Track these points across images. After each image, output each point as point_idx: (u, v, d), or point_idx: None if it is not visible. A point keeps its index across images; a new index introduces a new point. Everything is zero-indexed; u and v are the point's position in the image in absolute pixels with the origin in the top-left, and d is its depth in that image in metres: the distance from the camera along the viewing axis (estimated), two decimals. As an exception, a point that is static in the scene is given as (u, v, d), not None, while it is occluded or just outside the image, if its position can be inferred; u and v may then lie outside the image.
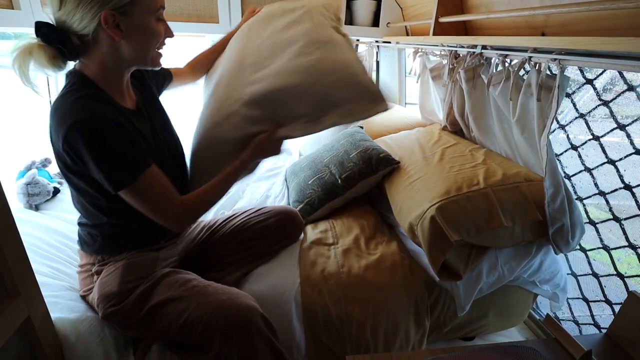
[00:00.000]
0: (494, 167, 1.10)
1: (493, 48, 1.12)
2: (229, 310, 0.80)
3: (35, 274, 0.96)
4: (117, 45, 0.76)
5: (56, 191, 1.35)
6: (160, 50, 0.84)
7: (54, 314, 0.83)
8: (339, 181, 1.30)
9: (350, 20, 2.03)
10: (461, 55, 1.33)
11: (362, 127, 1.64)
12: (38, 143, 1.76)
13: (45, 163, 1.44)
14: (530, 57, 0.94)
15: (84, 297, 0.96)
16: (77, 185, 0.82)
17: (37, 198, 1.28)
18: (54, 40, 0.73)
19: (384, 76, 2.42)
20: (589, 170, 1.08)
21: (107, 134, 0.72)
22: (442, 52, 1.51)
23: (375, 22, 2.01)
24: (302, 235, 1.20)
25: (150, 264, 0.92)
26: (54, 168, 1.47)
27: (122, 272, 0.87)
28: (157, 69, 0.86)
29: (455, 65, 1.38)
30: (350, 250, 1.11)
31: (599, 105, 0.99)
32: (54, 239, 1.14)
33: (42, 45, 0.73)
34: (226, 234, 1.09)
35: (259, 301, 0.95)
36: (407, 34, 1.96)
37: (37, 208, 1.29)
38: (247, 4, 1.88)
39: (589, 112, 1.03)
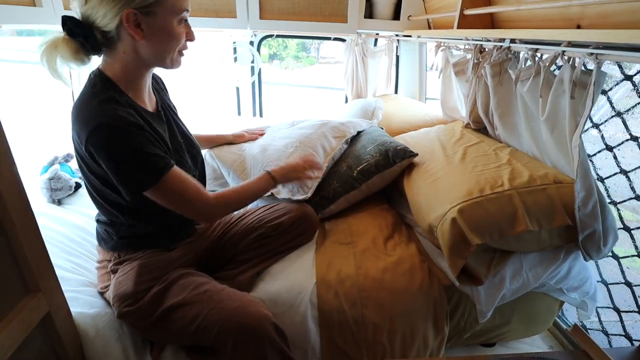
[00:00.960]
0: (519, 167, 1.04)
1: (522, 42, 1.06)
2: (241, 318, 0.80)
3: (56, 269, 0.98)
4: (138, 45, 0.77)
5: (78, 186, 1.38)
6: (183, 51, 0.85)
7: (74, 309, 0.84)
8: (355, 173, 1.27)
9: (370, 14, 1.98)
10: (487, 49, 1.27)
11: (382, 128, 1.61)
12: (61, 138, 1.81)
13: (67, 158, 1.47)
14: (563, 52, 0.88)
15: (101, 294, 0.97)
16: (96, 185, 0.83)
17: (59, 193, 1.31)
18: (78, 34, 0.74)
19: (403, 71, 2.36)
20: (625, 172, 1.01)
21: (128, 138, 0.73)
22: (467, 47, 1.44)
23: (396, 15, 1.96)
24: (317, 232, 1.18)
25: (164, 264, 0.92)
26: (75, 163, 1.50)
27: (137, 272, 0.88)
28: (177, 67, 0.86)
29: (480, 60, 1.32)
30: (367, 250, 1.08)
31: (638, 103, 0.92)
32: (75, 234, 1.17)
33: (66, 39, 0.75)
34: (239, 232, 1.08)
35: (274, 302, 0.95)
36: (429, 28, 1.89)
37: (59, 202, 1.32)
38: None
39: (627, 110, 0.96)
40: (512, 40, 1.09)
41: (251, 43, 2.28)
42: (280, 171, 1.06)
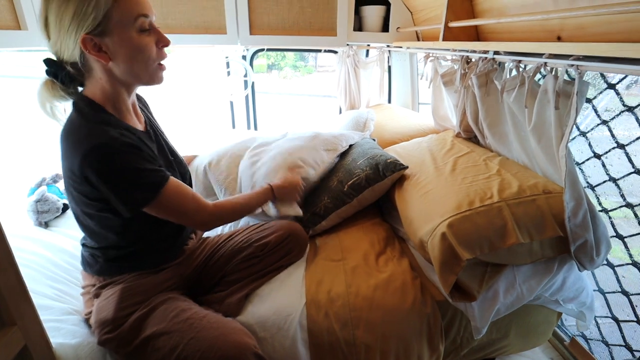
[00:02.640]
0: (509, 178, 1.03)
1: (506, 53, 1.06)
2: (221, 349, 0.78)
3: (39, 297, 0.97)
4: (109, 67, 0.75)
5: (66, 207, 1.37)
6: (162, 63, 0.81)
7: (55, 340, 0.82)
8: (345, 188, 1.26)
9: (359, 27, 2.00)
10: (473, 60, 1.27)
11: (374, 140, 1.60)
12: (49, 158, 1.80)
13: (55, 179, 1.46)
14: (545, 63, 0.88)
15: (86, 321, 0.95)
16: (88, 211, 0.81)
17: (46, 215, 1.29)
18: (50, 72, 0.75)
19: (396, 81, 2.37)
20: (614, 180, 1.00)
21: (123, 157, 0.73)
22: (454, 57, 1.45)
23: (385, 27, 1.97)
24: (308, 249, 1.17)
25: (149, 287, 0.90)
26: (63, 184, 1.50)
27: (119, 296, 0.86)
28: (159, 83, 0.83)
29: (467, 70, 1.32)
30: (358, 267, 1.07)
31: (623, 112, 0.91)
32: (60, 258, 1.14)
33: (47, 80, 0.76)
34: (227, 253, 1.06)
35: (262, 325, 0.93)
36: (418, 39, 1.90)
37: (46, 225, 1.31)
38: (254, 14, 1.87)
39: (612, 118, 0.95)
40: (497, 52, 1.09)
41: (244, 57, 2.29)
42: (281, 187, 1.11)
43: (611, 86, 0.94)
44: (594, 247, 0.93)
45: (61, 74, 0.75)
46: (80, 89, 0.80)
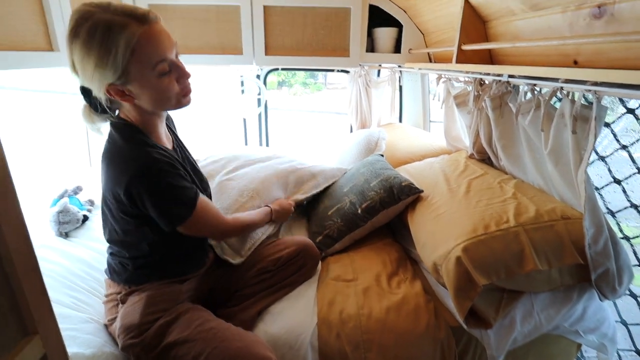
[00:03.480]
0: (525, 202, 1.02)
1: (521, 77, 1.07)
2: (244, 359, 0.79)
3: (58, 305, 0.98)
4: (136, 104, 0.80)
5: (85, 218, 1.40)
6: (185, 89, 0.83)
7: (71, 349, 0.83)
8: (359, 211, 1.26)
9: (371, 48, 2.04)
10: (487, 82, 1.28)
11: (382, 155, 1.61)
12: (71, 169, 1.85)
13: (76, 190, 1.50)
14: (562, 87, 0.88)
15: (107, 327, 0.97)
16: (125, 225, 0.86)
17: (67, 226, 1.32)
18: (87, 100, 0.81)
19: (407, 100, 2.39)
20: (635, 207, 0.98)
21: (165, 176, 0.79)
22: (467, 79, 1.46)
23: (397, 49, 2.01)
24: (320, 268, 1.17)
25: (173, 296, 0.92)
26: (85, 195, 1.53)
27: (145, 303, 0.88)
28: (187, 106, 0.86)
29: (480, 92, 1.33)
30: (370, 288, 1.06)
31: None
32: (79, 268, 1.17)
33: (85, 105, 0.82)
34: (240, 267, 1.08)
35: (274, 344, 0.92)
36: (430, 60, 1.93)
37: (66, 235, 1.34)
38: (270, 36, 1.93)
39: (632, 144, 0.94)
40: (511, 75, 1.10)
41: (257, 76, 2.35)
42: (277, 211, 1.23)
43: (630, 111, 0.93)
44: (616, 275, 0.90)
45: (94, 101, 0.80)
46: (117, 112, 0.85)
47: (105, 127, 0.86)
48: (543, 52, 1.04)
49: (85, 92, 0.79)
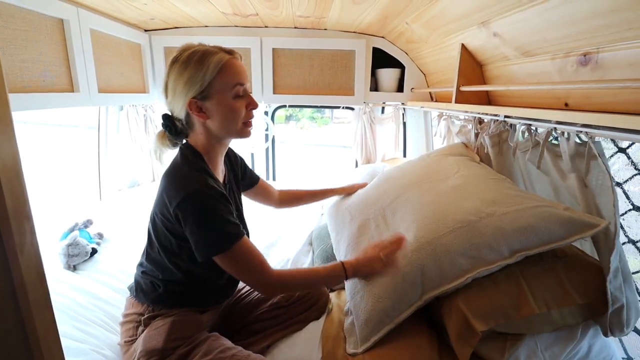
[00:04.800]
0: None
1: (517, 117, 1.12)
2: None
3: (63, 338, 0.99)
4: (206, 124, 0.90)
5: (93, 252, 1.43)
6: (249, 121, 0.94)
7: (73, 383, 0.83)
8: None
9: (375, 87, 2.14)
10: (485, 120, 1.33)
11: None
12: (81, 203, 1.91)
13: (87, 224, 1.54)
14: (555, 128, 0.93)
15: (122, 347, 0.98)
16: (165, 242, 0.92)
17: (75, 259, 1.35)
18: (165, 125, 0.92)
19: (411, 136, 2.46)
20: (633, 242, 0.99)
21: (214, 205, 0.83)
22: (466, 117, 1.52)
23: (400, 88, 2.10)
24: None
25: (195, 325, 0.94)
26: (95, 228, 1.57)
27: (169, 329, 0.90)
28: (247, 137, 0.96)
29: (479, 130, 1.38)
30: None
31: (635, 175, 0.93)
32: (86, 300, 1.18)
33: (160, 132, 0.94)
34: (252, 301, 1.10)
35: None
36: (432, 98, 2.01)
37: (74, 268, 1.36)
38: (278, 76, 2.04)
39: (625, 181, 0.97)
40: (507, 115, 1.15)
41: (266, 113, 2.45)
42: (355, 264, 0.97)
43: (621, 150, 0.97)
44: (626, 312, 0.90)
45: (172, 128, 0.92)
46: (184, 140, 0.96)
47: (167, 156, 0.97)
48: (536, 94, 1.10)
49: (166, 118, 0.92)
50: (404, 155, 2.52)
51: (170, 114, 0.93)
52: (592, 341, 0.97)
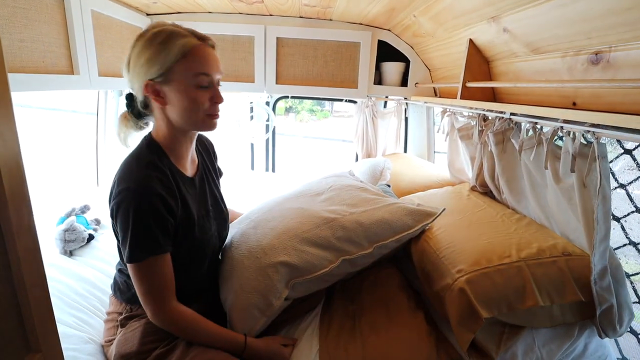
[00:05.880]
0: (527, 237, 1.03)
1: (522, 115, 1.11)
2: None
3: (59, 324, 0.98)
4: (165, 110, 0.85)
5: (90, 237, 1.41)
6: (214, 114, 0.88)
7: (70, 370, 0.83)
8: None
9: (379, 81, 2.12)
10: (490, 118, 1.32)
11: (389, 185, 1.63)
12: (79, 188, 1.89)
13: (84, 209, 1.53)
14: (562, 127, 0.92)
15: (104, 347, 0.96)
16: None
17: (72, 244, 1.34)
18: (127, 105, 0.88)
19: (412, 131, 2.44)
20: (634, 244, 0.99)
21: (143, 209, 0.78)
22: (471, 114, 1.51)
23: (404, 82, 2.08)
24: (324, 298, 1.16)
25: None
26: (92, 214, 1.56)
27: (143, 331, 0.88)
28: (212, 130, 0.91)
29: (483, 127, 1.37)
30: (371, 319, 1.05)
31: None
32: (82, 287, 1.18)
33: (124, 111, 0.90)
34: None
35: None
36: (435, 94, 2.00)
37: (71, 254, 1.35)
38: (281, 66, 2.02)
39: (630, 183, 0.97)
40: (513, 113, 1.14)
41: (267, 103, 2.43)
42: (258, 347, 0.90)
43: (627, 152, 0.96)
44: (617, 314, 0.90)
45: (132, 107, 0.88)
46: (150, 123, 0.92)
47: (132, 140, 0.93)
48: (544, 92, 1.09)
49: (129, 98, 0.88)
50: (405, 151, 2.51)
51: (132, 92, 0.88)
52: (588, 340, 0.98)
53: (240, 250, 1.03)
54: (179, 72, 0.80)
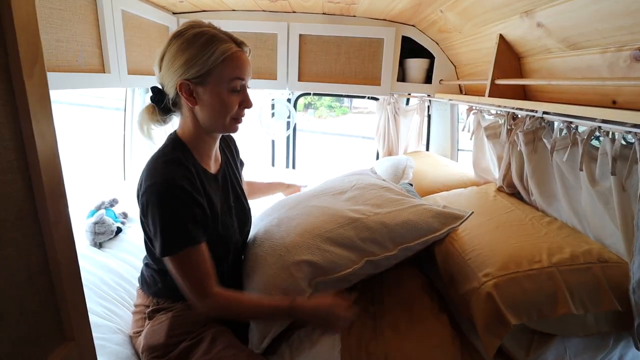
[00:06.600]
0: (558, 241, 0.99)
1: (556, 114, 1.06)
2: None
3: (89, 314, 1.03)
4: (194, 110, 0.86)
5: (119, 230, 1.46)
6: (239, 118, 0.91)
7: (99, 358, 0.86)
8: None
9: (402, 78, 2.08)
10: (520, 116, 1.28)
11: (411, 184, 1.60)
12: (107, 182, 1.95)
13: (112, 203, 1.58)
14: (600, 127, 0.87)
15: (131, 338, 1.00)
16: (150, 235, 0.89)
17: (101, 237, 1.39)
18: (153, 99, 0.88)
19: (435, 129, 2.39)
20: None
21: (174, 203, 0.79)
22: (499, 112, 1.46)
23: (428, 80, 2.04)
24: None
25: (197, 319, 0.93)
26: (119, 208, 1.61)
27: (170, 324, 0.90)
28: (233, 133, 0.93)
29: (512, 126, 1.33)
30: (393, 321, 1.03)
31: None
32: (111, 279, 1.22)
33: (148, 105, 0.89)
34: None
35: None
36: (461, 92, 1.94)
37: (100, 246, 1.40)
38: (304, 63, 2.01)
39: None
40: (545, 111, 1.09)
41: (288, 100, 2.43)
42: (308, 308, 0.88)
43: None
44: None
45: (161, 102, 0.88)
46: (175, 117, 0.93)
47: (156, 134, 0.94)
48: (580, 90, 1.03)
49: (157, 92, 0.88)
50: (427, 149, 2.46)
51: (161, 87, 0.88)
52: (624, 352, 0.94)
53: (263, 248, 1.03)
54: (216, 75, 0.82)
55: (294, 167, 2.61)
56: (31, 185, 0.52)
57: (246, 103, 0.89)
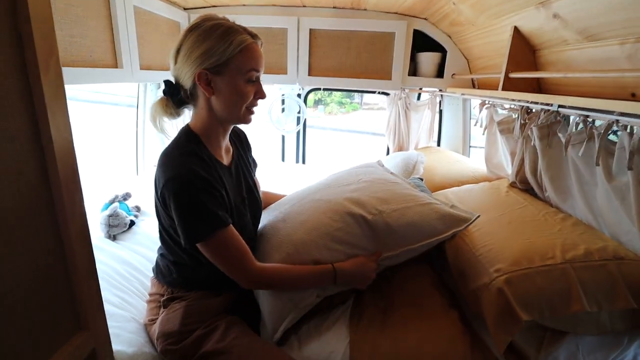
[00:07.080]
0: (573, 238, 0.97)
1: (571, 107, 1.03)
2: None
3: (104, 303, 1.05)
4: (210, 100, 0.88)
5: (132, 223, 1.49)
6: (252, 109, 0.93)
7: (114, 346, 0.88)
8: None
9: (414, 72, 2.05)
10: (534, 110, 1.25)
11: (422, 179, 1.59)
12: (120, 177, 1.99)
13: (125, 197, 1.61)
14: (617, 120, 0.85)
15: (146, 326, 1.02)
16: (167, 227, 0.92)
17: (115, 229, 1.42)
18: (167, 92, 0.89)
19: (446, 125, 2.36)
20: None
21: (196, 191, 0.81)
22: (512, 106, 1.43)
23: (440, 74, 2.01)
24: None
25: (210, 309, 0.96)
26: (132, 202, 1.64)
27: (184, 313, 0.92)
28: (247, 124, 0.96)
29: (527, 121, 1.30)
30: (403, 315, 1.03)
31: None
32: (124, 270, 1.24)
33: (162, 98, 0.90)
34: None
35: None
36: (474, 86, 1.91)
37: (114, 238, 1.43)
38: (314, 57, 2.00)
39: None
40: (561, 105, 1.06)
41: (298, 95, 2.43)
42: (348, 273, 0.96)
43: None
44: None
45: (175, 95, 0.89)
46: (187, 110, 0.94)
47: (169, 127, 0.95)
48: (598, 83, 1.01)
49: (170, 85, 0.90)
50: (438, 144, 2.44)
51: (174, 81, 0.90)
52: (639, 350, 0.91)
53: (270, 244, 1.04)
54: (234, 65, 0.84)
55: (304, 162, 2.61)
56: (47, 177, 0.54)
57: (260, 94, 0.91)
